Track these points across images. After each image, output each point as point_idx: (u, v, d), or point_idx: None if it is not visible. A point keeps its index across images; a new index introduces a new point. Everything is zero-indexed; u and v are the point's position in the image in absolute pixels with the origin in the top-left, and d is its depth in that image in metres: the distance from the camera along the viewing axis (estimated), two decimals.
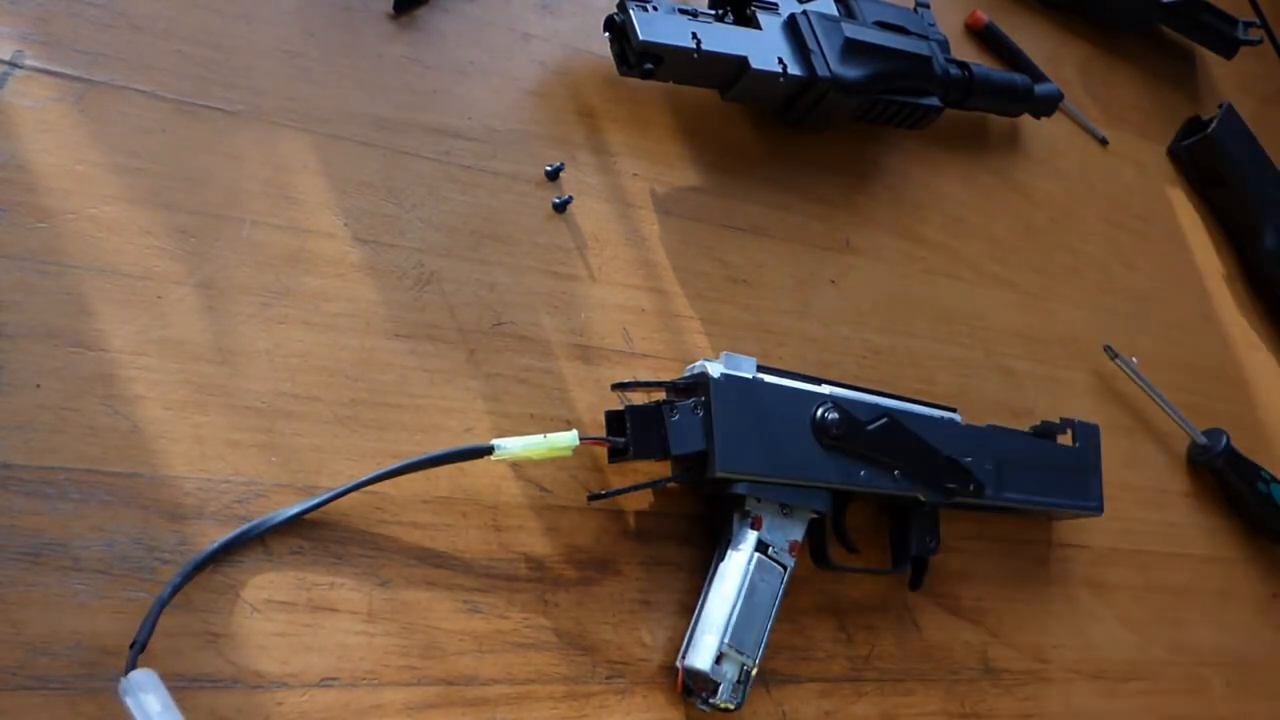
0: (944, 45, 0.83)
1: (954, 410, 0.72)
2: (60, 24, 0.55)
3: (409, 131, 0.64)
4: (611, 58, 0.69)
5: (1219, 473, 0.91)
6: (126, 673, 0.47)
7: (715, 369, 0.62)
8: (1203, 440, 0.90)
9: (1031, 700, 0.75)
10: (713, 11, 0.72)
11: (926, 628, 0.72)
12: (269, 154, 0.59)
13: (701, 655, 0.61)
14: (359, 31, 0.64)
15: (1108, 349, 0.88)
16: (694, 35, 0.68)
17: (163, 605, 0.49)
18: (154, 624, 0.48)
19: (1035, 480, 0.74)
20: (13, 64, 0.54)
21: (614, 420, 0.61)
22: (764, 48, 0.72)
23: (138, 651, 0.48)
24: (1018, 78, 0.88)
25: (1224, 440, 0.89)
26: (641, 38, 0.65)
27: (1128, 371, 0.88)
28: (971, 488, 0.70)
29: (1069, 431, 0.78)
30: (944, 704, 0.72)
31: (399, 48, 0.65)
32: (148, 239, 0.54)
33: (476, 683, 0.57)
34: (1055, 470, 0.76)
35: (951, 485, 0.69)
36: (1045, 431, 0.78)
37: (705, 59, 0.68)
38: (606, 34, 0.68)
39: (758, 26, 0.73)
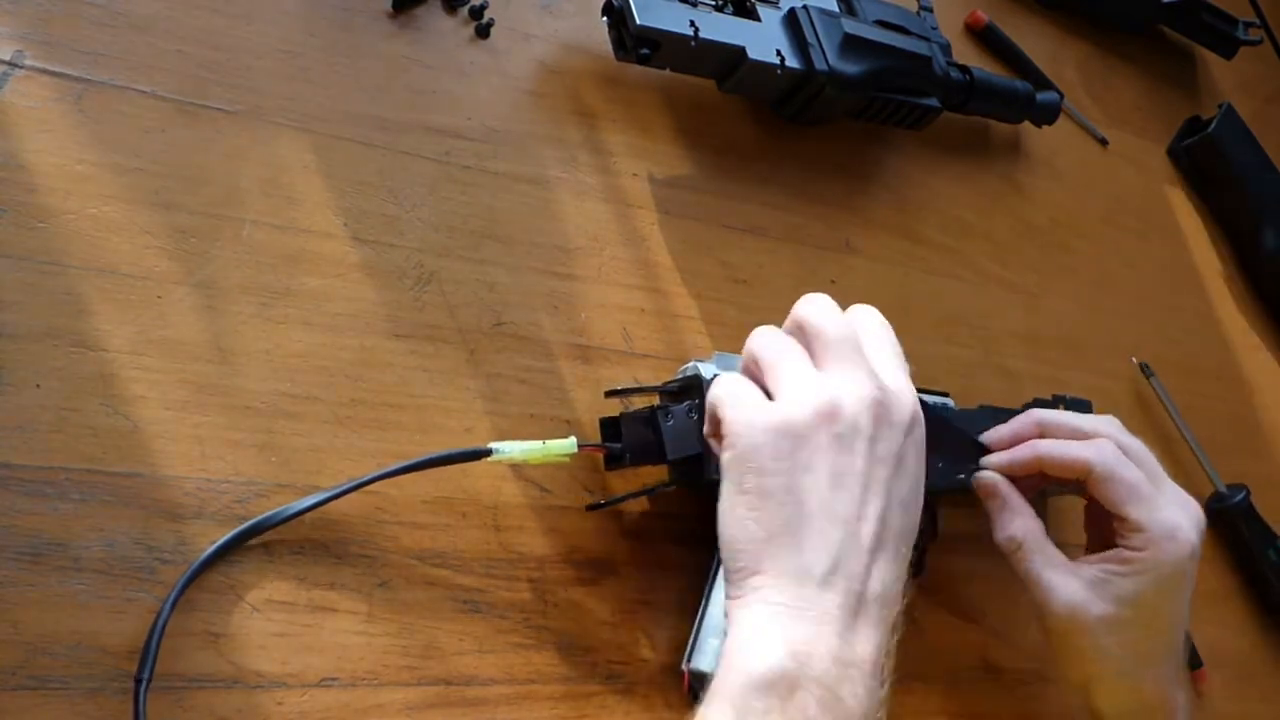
0: (945, 48, 0.83)
1: (946, 395, 0.72)
2: (60, 24, 0.55)
3: (409, 131, 0.64)
4: (611, 56, 0.69)
5: (1231, 526, 0.88)
6: None
7: (708, 370, 0.61)
8: (1223, 489, 0.88)
9: (1032, 700, 0.75)
10: (712, 2, 0.72)
11: (927, 628, 0.72)
12: (269, 154, 0.59)
13: (707, 658, 0.60)
14: (359, 31, 0.64)
15: (1143, 366, 0.86)
16: (692, 23, 0.68)
17: (165, 624, 0.48)
18: (157, 652, 0.48)
19: None
20: (13, 64, 0.54)
21: (609, 426, 0.61)
22: (762, 39, 0.72)
23: (146, 687, 0.47)
24: (1019, 85, 0.88)
25: (1243, 495, 0.87)
26: (639, 22, 0.66)
27: (1161, 396, 0.86)
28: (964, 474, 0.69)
29: (1061, 407, 0.78)
30: (944, 704, 0.72)
31: (399, 47, 0.65)
32: (148, 239, 0.54)
33: (476, 683, 0.57)
34: None
35: (940, 465, 0.67)
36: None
37: (702, 47, 0.68)
38: (605, 18, 0.68)
39: (757, 19, 0.73)
